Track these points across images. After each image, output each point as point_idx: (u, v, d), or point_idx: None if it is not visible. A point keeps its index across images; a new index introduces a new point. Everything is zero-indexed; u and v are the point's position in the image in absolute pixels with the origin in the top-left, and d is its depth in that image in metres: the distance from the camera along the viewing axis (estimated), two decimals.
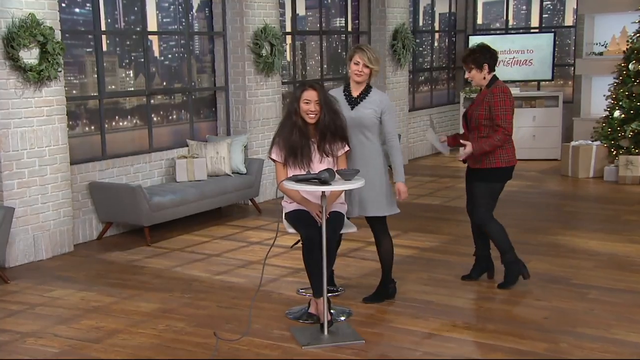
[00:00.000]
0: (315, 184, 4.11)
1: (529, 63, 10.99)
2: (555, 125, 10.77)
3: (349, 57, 4.69)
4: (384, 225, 4.77)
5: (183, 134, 7.80)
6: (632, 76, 9.08)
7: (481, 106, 4.86)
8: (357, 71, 4.60)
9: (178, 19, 7.84)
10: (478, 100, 4.92)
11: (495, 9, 13.05)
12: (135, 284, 5.37)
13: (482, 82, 4.94)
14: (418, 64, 11.84)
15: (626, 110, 9.06)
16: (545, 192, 8.59)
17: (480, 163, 4.92)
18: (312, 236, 4.31)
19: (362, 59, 4.59)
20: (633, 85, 9.05)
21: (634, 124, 8.90)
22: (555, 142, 10.79)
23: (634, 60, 9.07)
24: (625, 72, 9.20)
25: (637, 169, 8.84)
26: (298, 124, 4.45)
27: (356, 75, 4.62)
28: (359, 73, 4.61)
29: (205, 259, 6.01)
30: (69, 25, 6.69)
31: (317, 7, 9.71)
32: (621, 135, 9.06)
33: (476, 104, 4.92)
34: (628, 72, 9.14)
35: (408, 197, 5.06)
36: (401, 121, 10.74)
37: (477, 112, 4.88)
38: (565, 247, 6.13)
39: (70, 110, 6.51)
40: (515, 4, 12.81)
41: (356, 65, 4.60)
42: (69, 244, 6.32)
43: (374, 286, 5.18)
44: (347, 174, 4.23)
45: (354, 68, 4.62)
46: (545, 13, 12.35)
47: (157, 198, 6.54)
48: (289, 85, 9.19)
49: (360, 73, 4.61)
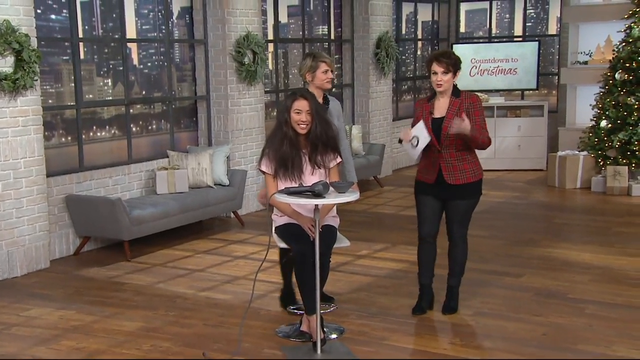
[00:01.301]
0: (308, 196, 4.04)
1: (514, 72, 11.04)
2: (541, 135, 10.83)
3: (310, 67, 4.78)
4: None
5: (163, 144, 7.70)
6: (618, 85, 9.15)
7: (457, 117, 4.51)
8: (328, 79, 4.79)
9: (158, 26, 7.75)
10: (451, 112, 4.55)
11: (478, 17, 13.12)
12: (117, 301, 5.25)
13: (449, 89, 4.62)
14: (401, 72, 11.85)
15: (613, 120, 9.12)
16: (533, 203, 8.60)
17: (465, 177, 4.61)
18: (304, 251, 4.23)
19: (330, 66, 4.76)
20: (619, 94, 9.12)
21: (621, 134, 8.97)
22: (540, 152, 10.84)
23: (620, 70, 9.14)
24: (611, 81, 9.27)
25: (624, 179, 8.89)
26: (289, 134, 4.38)
27: (327, 83, 4.80)
28: (329, 81, 4.79)
29: (189, 275, 5.90)
30: (45, 32, 6.57)
31: (300, 15, 9.66)
32: (608, 146, 9.12)
33: (450, 116, 4.54)
34: (614, 81, 9.20)
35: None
36: (385, 131, 10.72)
37: (449, 129, 4.51)
38: (558, 260, 6.11)
39: (46, 120, 6.39)
40: (499, 12, 12.88)
41: (324, 73, 4.77)
42: (45, 259, 6.18)
43: (366, 301, 5.12)
44: (341, 186, 4.16)
45: (325, 77, 4.77)
46: (528, 21, 12.44)
47: (137, 211, 6.44)
48: (271, 94, 9.13)
49: (330, 80, 4.78)
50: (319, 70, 4.83)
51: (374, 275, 5.78)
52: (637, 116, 8.94)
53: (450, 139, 4.54)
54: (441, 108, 4.61)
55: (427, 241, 4.78)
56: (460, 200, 4.65)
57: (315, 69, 4.83)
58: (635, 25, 9.14)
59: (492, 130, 10.78)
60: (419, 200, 4.75)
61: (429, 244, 4.78)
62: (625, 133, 8.96)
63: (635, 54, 9.03)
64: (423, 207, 4.72)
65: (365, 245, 6.64)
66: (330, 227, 4.44)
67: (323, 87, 4.88)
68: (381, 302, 5.11)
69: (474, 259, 6.10)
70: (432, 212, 4.70)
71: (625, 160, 8.99)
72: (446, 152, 4.57)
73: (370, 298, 5.21)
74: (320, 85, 4.86)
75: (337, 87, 10.37)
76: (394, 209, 8.41)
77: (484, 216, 7.85)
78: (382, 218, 7.99)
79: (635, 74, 9.02)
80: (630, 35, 9.18)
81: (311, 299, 4.26)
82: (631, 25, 9.20)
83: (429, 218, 4.71)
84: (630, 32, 9.18)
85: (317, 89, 4.87)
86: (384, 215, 8.11)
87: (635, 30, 9.09)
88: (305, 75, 4.89)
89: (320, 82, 4.85)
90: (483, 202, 8.48)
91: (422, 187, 4.72)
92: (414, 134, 4.54)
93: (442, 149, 4.57)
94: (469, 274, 5.64)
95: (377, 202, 8.82)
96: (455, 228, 4.72)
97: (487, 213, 8.00)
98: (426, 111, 4.63)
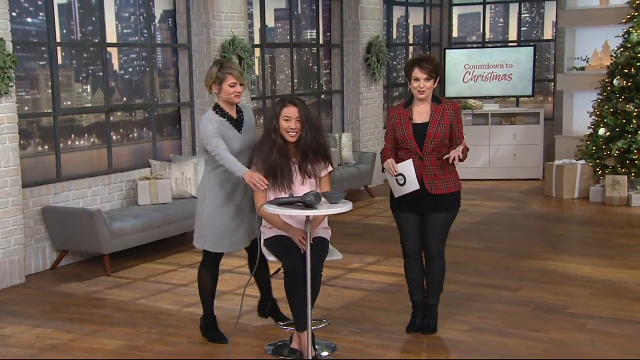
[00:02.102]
0: (299, 207, 4.01)
1: (508, 78, 11.09)
2: (537, 143, 10.87)
3: (216, 78, 4.47)
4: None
5: (145, 153, 7.64)
6: (616, 92, 9.21)
7: (441, 124, 4.52)
8: (236, 93, 4.50)
9: (139, 30, 7.72)
10: (435, 118, 4.53)
11: (472, 22, 13.18)
12: (96, 318, 5.19)
13: (429, 96, 4.57)
14: (392, 78, 11.87)
15: (611, 128, 9.17)
16: (529, 214, 8.62)
17: (446, 187, 4.57)
18: (295, 264, 4.21)
19: (238, 79, 4.50)
20: (618, 101, 9.17)
21: (620, 142, 9.01)
22: (536, 160, 10.88)
23: (618, 76, 9.19)
24: (609, 87, 9.32)
25: (624, 189, 8.93)
26: (277, 142, 4.37)
27: (236, 97, 4.51)
28: (238, 95, 4.51)
29: (172, 290, 5.85)
30: (21, 36, 6.53)
31: (287, 19, 9.66)
32: (607, 154, 9.16)
33: (434, 122, 4.52)
34: (612, 87, 9.26)
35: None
36: (375, 139, 10.72)
37: (441, 130, 4.52)
38: (556, 273, 6.12)
39: (22, 128, 6.33)
40: (492, 16, 12.96)
41: (232, 87, 4.48)
42: (20, 274, 6.11)
43: (359, 317, 5.09)
44: (333, 196, 4.14)
45: (232, 90, 4.48)
46: (523, 26, 12.51)
47: (118, 223, 6.39)
48: (257, 101, 9.11)
49: (238, 94, 4.52)
50: (226, 82, 4.46)
51: (366, 290, 5.76)
52: (637, 124, 8.99)
53: (433, 146, 4.52)
54: (422, 114, 4.59)
55: (414, 258, 4.75)
56: (441, 213, 4.60)
57: (222, 80, 4.46)
58: (633, 30, 9.21)
59: (486, 138, 10.85)
60: (398, 217, 4.72)
61: (416, 260, 4.76)
62: (624, 141, 9.01)
63: (633, 60, 9.09)
64: (404, 223, 4.69)
65: (356, 258, 6.62)
66: (322, 239, 4.41)
67: (230, 102, 4.52)
68: (374, 318, 5.09)
69: (469, 272, 6.12)
70: (414, 227, 4.67)
71: (625, 169, 9.04)
72: (428, 160, 4.54)
73: (363, 313, 5.19)
74: (228, 99, 4.50)
75: (326, 93, 10.38)
76: (385, 220, 8.38)
77: (479, 227, 7.87)
78: (374, 229, 7.98)
79: (634, 80, 9.08)
80: (628, 40, 9.24)
81: (302, 315, 4.23)
82: (629, 30, 9.28)
83: (412, 233, 4.68)
84: (629, 37, 9.24)
85: (225, 103, 4.53)
86: (376, 227, 8.10)
87: (634, 35, 9.15)
88: (210, 86, 4.52)
89: (228, 96, 4.49)
90: (478, 212, 8.63)
91: (398, 202, 4.65)
92: (401, 171, 4.49)
93: (424, 157, 4.54)
94: (465, 288, 5.66)
95: (368, 213, 8.81)
96: (434, 243, 4.67)
97: (482, 224, 8.01)
98: (405, 117, 4.58)
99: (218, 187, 4.53)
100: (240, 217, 4.58)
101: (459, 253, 6.54)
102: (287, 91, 9.66)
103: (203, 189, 4.61)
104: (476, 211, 8.66)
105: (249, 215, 4.62)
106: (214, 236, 4.57)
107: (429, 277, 4.75)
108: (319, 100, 10.21)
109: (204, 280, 4.72)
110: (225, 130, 4.47)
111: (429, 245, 4.68)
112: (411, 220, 4.66)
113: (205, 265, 4.72)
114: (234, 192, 4.55)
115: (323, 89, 10.34)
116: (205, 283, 4.72)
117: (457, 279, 5.74)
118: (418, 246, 4.71)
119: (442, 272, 4.75)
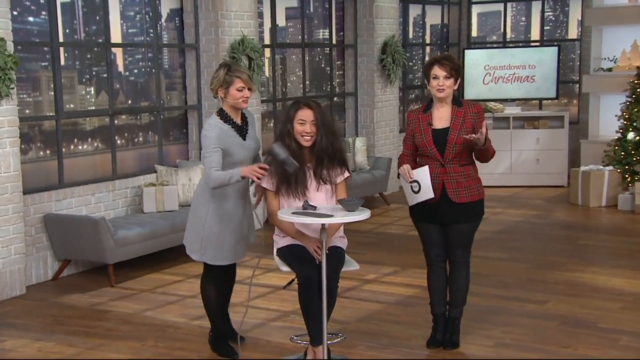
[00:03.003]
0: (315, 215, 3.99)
1: (531, 80, 11.04)
2: (561, 149, 10.80)
3: (223, 82, 4.41)
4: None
5: (151, 158, 7.65)
6: None
7: (463, 128, 4.46)
8: (244, 98, 4.43)
9: (145, 30, 7.74)
10: (456, 122, 4.48)
11: (492, 21, 13.14)
12: (101, 331, 5.19)
13: (449, 96, 4.53)
14: (408, 80, 11.85)
15: None
16: (555, 223, 8.56)
17: (469, 195, 4.52)
18: (310, 275, 4.19)
19: (247, 83, 4.43)
20: None
21: None
22: (561, 166, 10.81)
23: None
24: (639, 89, 9.26)
25: None
26: (292, 147, 4.36)
27: (243, 102, 4.45)
28: (245, 100, 4.45)
29: (180, 301, 5.84)
30: (22, 36, 6.56)
31: (299, 18, 9.67)
32: (636, 160, 9.09)
33: (455, 126, 4.47)
34: None
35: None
36: (391, 143, 10.69)
37: (463, 135, 4.44)
38: (585, 285, 6.07)
39: (23, 132, 6.35)
40: (514, 14, 12.91)
41: (240, 91, 4.41)
42: (21, 285, 6.11)
43: (376, 331, 5.06)
44: (351, 203, 4.12)
45: (239, 95, 4.41)
46: (546, 25, 12.46)
47: (123, 232, 6.40)
48: (268, 104, 9.11)
49: (246, 99, 4.46)
50: (233, 86, 4.40)
51: (383, 302, 5.73)
52: None
53: (455, 152, 4.47)
54: (442, 118, 4.54)
55: (438, 265, 4.71)
56: (464, 223, 4.56)
57: (230, 84, 4.40)
58: None
59: (508, 143, 10.79)
60: (419, 227, 4.69)
61: (440, 267, 4.72)
62: None
63: None
64: (426, 234, 4.66)
65: (372, 268, 6.59)
66: (338, 248, 4.39)
67: (237, 107, 4.47)
68: (392, 332, 5.06)
69: (493, 284, 6.08)
70: (437, 237, 4.64)
71: None
72: (450, 166, 4.49)
73: (380, 327, 5.16)
74: (234, 104, 4.45)
75: (340, 95, 10.36)
76: (402, 228, 8.36)
77: (502, 236, 7.82)
78: (390, 238, 7.95)
79: None
80: None
81: (317, 329, 4.22)
82: None
83: (435, 243, 4.65)
84: None
85: (231, 108, 4.48)
86: (392, 236, 8.07)
87: None
88: (216, 90, 4.46)
89: (234, 101, 4.43)
90: (500, 221, 8.58)
91: (420, 213, 4.60)
92: (416, 178, 4.43)
93: (446, 164, 4.49)
94: (488, 301, 5.62)
95: (384, 221, 8.78)
96: (459, 252, 4.64)
97: (505, 233, 7.96)
98: (424, 122, 4.54)
99: (222, 196, 4.46)
100: (241, 228, 4.57)
101: (481, 264, 6.49)
102: (298, 93, 9.66)
103: (203, 196, 4.52)
104: (498, 219, 8.62)
105: (248, 224, 4.62)
106: (217, 248, 4.52)
107: (454, 287, 4.71)
108: (331, 102, 10.19)
109: (208, 293, 4.66)
110: (227, 138, 4.42)
111: (453, 254, 4.65)
112: (433, 231, 4.62)
113: (208, 278, 4.67)
114: (239, 201, 4.52)
115: (336, 91, 10.32)
116: (210, 296, 4.66)
117: (479, 292, 5.69)
118: (443, 254, 4.68)
119: (467, 281, 4.71)
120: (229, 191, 4.48)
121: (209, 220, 4.50)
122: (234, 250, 4.57)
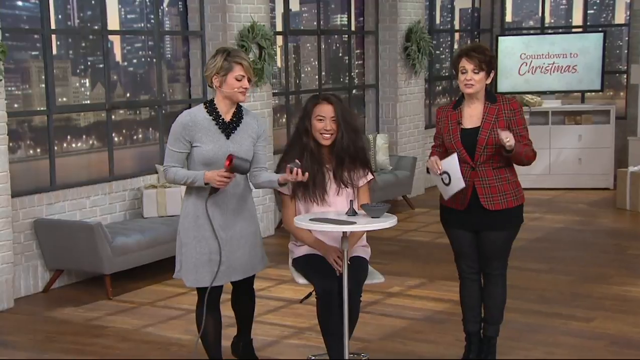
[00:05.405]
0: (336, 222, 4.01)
1: (573, 70, 11.01)
2: (607, 147, 10.77)
3: (220, 68, 4.22)
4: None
5: (151, 157, 7.69)
6: None
7: (495, 128, 4.41)
8: (242, 89, 4.25)
9: (145, 16, 7.80)
10: (488, 121, 4.45)
11: (528, 4, 13.15)
12: (97, 349, 5.21)
13: (480, 92, 4.50)
14: (435, 70, 11.86)
15: None
16: (600, 230, 8.55)
17: (506, 202, 4.48)
18: (330, 288, 4.21)
19: (247, 72, 4.26)
20: None
21: None
22: (606, 167, 10.78)
23: None
24: None
25: None
26: (309, 146, 4.39)
27: (240, 94, 4.26)
28: (243, 91, 4.27)
29: (184, 316, 5.86)
30: (10, 23, 6.62)
31: (314, 2, 9.69)
32: None
33: (487, 126, 4.44)
34: None
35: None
36: (416, 141, 10.70)
37: (495, 136, 4.38)
38: (636, 301, 6.06)
39: (11, 128, 6.39)
40: None
41: (238, 80, 4.23)
42: (8, 298, 6.16)
43: (401, 350, 5.06)
44: (375, 209, 4.13)
45: (237, 85, 4.21)
46: (590, 8, 12.44)
47: (121, 239, 6.43)
48: (280, 97, 9.14)
49: (244, 91, 4.27)
50: (232, 74, 4.21)
51: (409, 318, 5.73)
52: None
53: (487, 154, 4.44)
54: (473, 117, 4.52)
55: (471, 278, 4.70)
56: (499, 232, 4.52)
57: (228, 71, 4.21)
58: None
59: (546, 141, 10.77)
60: (450, 234, 4.69)
61: (473, 281, 4.71)
62: None
63: None
64: (457, 242, 4.65)
65: (396, 280, 6.59)
66: (361, 259, 4.41)
67: (233, 99, 4.27)
68: (419, 351, 5.06)
69: (532, 299, 6.07)
70: (469, 246, 4.62)
71: None
72: (482, 170, 4.46)
73: (406, 346, 5.17)
74: (230, 95, 4.24)
75: (359, 88, 10.38)
76: (428, 235, 8.36)
77: (541, 245, 7.81)
78: (416, 247, 7.95)
79: None
80: None
81: (338, 348, 4.24)
82: None
83: (468, 253, 4.63)
84: None
85: (225, 100, 4.29)
86: (418, 244, 8.08)
87: None
88: (212, 77, 4.25)
89: (231, 91, 4.23)
90: (538, 227, 8.57)
91: (450, 217, 4.60)
92: (444, 169, 4.40)
93: (477, 167, 4.47)
94: (527, 317, 5.61)
95: (408, 227, 8.78)
96: (494, 264, 4.62)
97: (544, 241, 7.95)
98: (453, 121, 4.52)
99: (196, 203, 4.26)
100: (216, 243, 4.26)
101: (518, 276, 6.47)
102: (313, 86, 9.68)
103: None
104: (536, 226, 8.60)
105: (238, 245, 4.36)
106: (187, 264, 4.32)
107: (489, 302, 4.70)
108: (350, 96, 10.21)
109: (199, 320, 4.35)
110: (201, 130, 4.20)
111: (488, 267, 4.63)
112: (465, 239, 4.61)
113: (199, 302, 4.37)
114: (216, 209, 4.27)
115: (355, 83, 10.34)
116: (207, 328, 4.36)
117: (517, 307, 5.68)
118: (475, 265, 4.66)
119: (504, 297, 4.70)
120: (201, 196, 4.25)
121: (182, 228, 4.33)
122: (207, 272, 4.28)
